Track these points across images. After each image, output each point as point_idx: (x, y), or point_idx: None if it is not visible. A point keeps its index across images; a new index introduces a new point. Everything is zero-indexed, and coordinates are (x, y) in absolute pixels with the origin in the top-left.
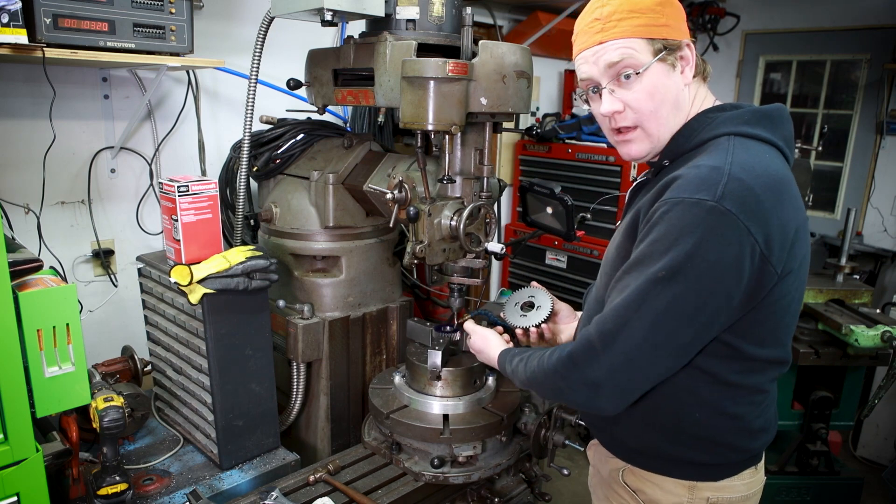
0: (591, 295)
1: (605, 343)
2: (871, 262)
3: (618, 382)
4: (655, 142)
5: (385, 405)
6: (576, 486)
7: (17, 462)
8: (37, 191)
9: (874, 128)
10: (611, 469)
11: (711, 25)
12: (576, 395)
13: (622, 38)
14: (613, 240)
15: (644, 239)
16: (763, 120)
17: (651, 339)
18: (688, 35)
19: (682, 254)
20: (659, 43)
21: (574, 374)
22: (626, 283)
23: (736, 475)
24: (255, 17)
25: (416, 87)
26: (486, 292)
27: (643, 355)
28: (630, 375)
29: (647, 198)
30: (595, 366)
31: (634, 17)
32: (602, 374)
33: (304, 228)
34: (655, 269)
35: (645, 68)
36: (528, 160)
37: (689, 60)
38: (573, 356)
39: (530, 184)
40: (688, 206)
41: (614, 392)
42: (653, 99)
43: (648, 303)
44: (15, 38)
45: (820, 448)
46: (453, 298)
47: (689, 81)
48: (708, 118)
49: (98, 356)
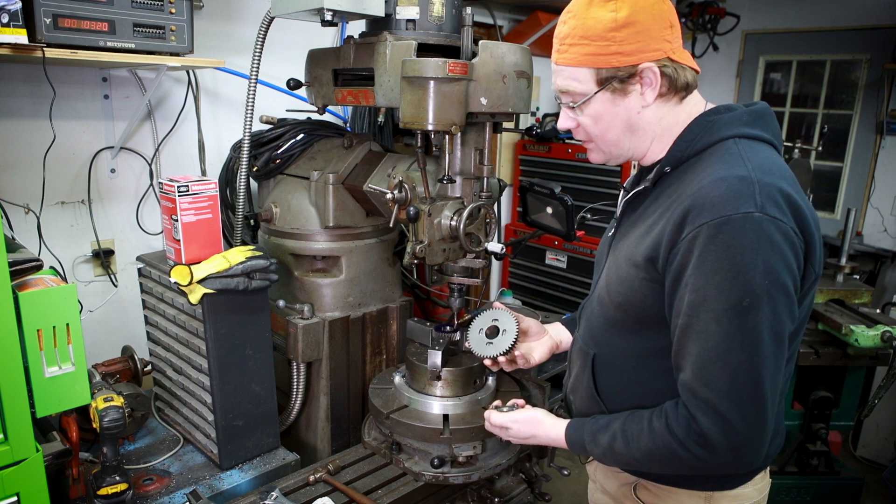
0: (591, 305)
1: (727, 399)
2: (871, 262)
3: (757, 433)
4: (611, 157)
5: (385, 405)
6: (576, 486)
7: (17, 462)
8: (37, 191)
9: (874, 128)
10: (620, 484)
11: (711, 25)
12: (720, 469)
13: (569, 65)
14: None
15: (697, 272)
16: (758, 120)
17: (769, 371)
18: (655, 53)
19: (755, 275)
20: (605, 72)
21: (713, 455)
22: (705, 327)
23: (749, 481)
24: (255, 17)
25: (416, 87)
26: (486, 292)
27: (769, 389)
28: (763, 415)
29: (667, 219)
30: (731, 434)
31: (583, 45)
32: (742, 435)
33: (304, 228)
34: (735, 301)
35: (585, 100)
36: (528, 160)
37: (653, 82)
38: (707, 437)
39: (530, 184)
40: (738, 224)
41: (756, 442)
42: (597, 125)
43: (749, 337)
44: (15, 38)
45: (820, 448)
46: (453, 298)
47: (648, 103)
48: (707, 122)
49: (98, 356)
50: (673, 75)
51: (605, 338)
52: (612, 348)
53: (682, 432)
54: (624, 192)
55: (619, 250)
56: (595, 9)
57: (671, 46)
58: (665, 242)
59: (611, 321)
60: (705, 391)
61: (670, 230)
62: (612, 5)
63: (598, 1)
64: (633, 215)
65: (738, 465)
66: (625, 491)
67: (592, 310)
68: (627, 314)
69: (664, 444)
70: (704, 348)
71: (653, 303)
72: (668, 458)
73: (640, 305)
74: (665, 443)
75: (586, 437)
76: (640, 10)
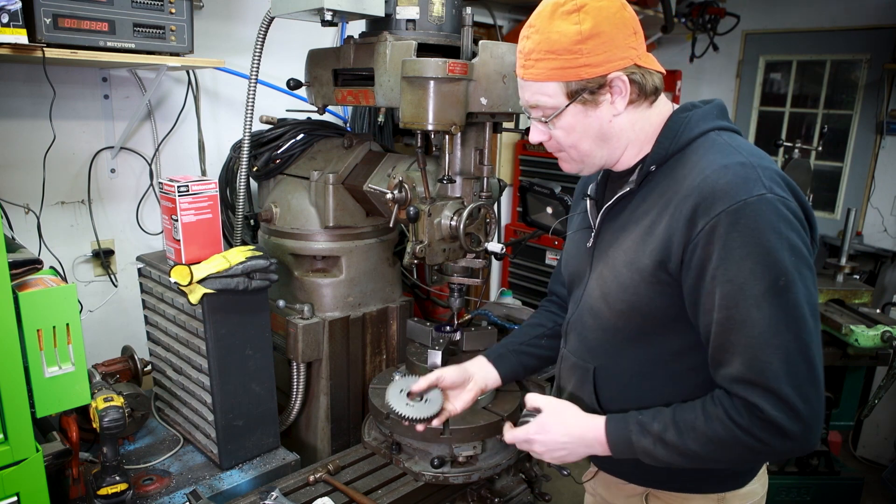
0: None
1: (786, 383)
2: (871, 262)
3: (819, 410)
4: (585, 166)
5: (385, 405)
6: (576, 486)
7: (17, 462)
8: (37, 191)
9: (874, 128)
10: (627, 496)
11: (711, 25)
12: (789, 453)
13: (537, 80)
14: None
15: (724, 262)
16: (723, 114)
17: (815, 345)
18: (622, 62)
19: (782, 253)
20: (574, 85)
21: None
22: (746, 315)
23: (755, 476)
24: (255, 17)
25: (416, 87)
26: (486, 292)
27: (818, 363)
28: (819, 391)
29: (674, 218)
30: (798, 416)
31: (550, 60)
32: (808, 416)
33: (304, 228)
34: (771, 283)
35: (556, 114)
36: (528, 160)
37: (623, 90)
38: (776, 424)
39: (530, 184)
40: (754, 206)
41: (820, 418)
42: (569, 136)
43: (790, 317)
44: (15, 38)
45: (820, 448)
46: (453, 298)
47: (619, 112)
48: (681, 118)
49: (98, 356)
50: (641, 81)
51: (606, 349)
52: (615, 359)
53: (745, 421)
54: (591, 201)
55: (613, 258)
56: (558, 22)
57: (637, 53)
58: (677, 241)
59: (611, 331)
60: (762, 379)
61: (682, 227)
62: (575, 17)
63: (559, 14)
64: (617, 220)
65: (807, 445)
66: (634, 503)
67: (585, 323)
68: (630, 321)
69: (726, 433)
70: (751, 336)
71: (660, 305)
72: (732, 445)
73: (647, 310)
74: (727, 431)
75: (633, 428)
76: (603, 21)
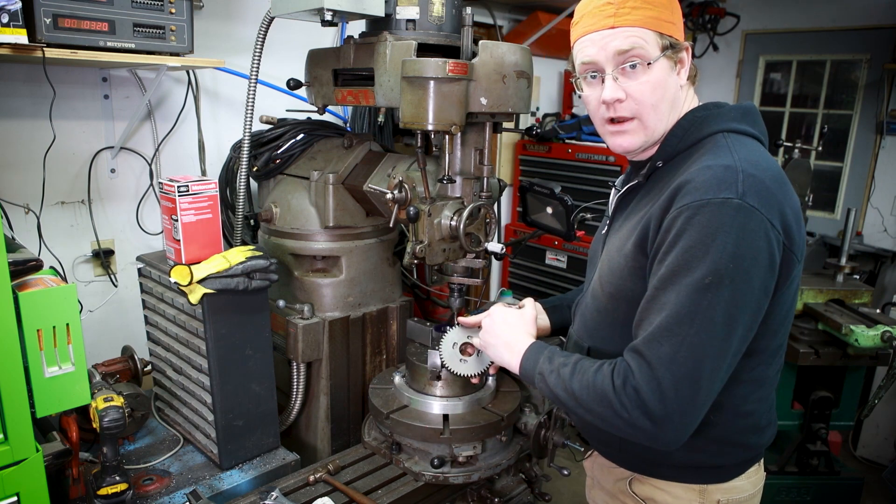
0: (586, 301)
1: (666, 369)
2: (871, 262)
3: (685, 412)
4: (650, 135)
5: (385, 405)
6: (576, 486)
7: (17, 462)
8: (37, 191)
9: (874, 128)
10: (616, 479)
11: (711, 25)
12: (636, 434)
13: (635, 26)
14: (614, 242)
15: (671, 249)
16: (747, 116)
17: (713, 352)
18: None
19: (722, 256)
20: (667, 39)
21: (637, 414)
22: (666, 299)
23: (743, 474)
24: (255, 17)
25: (416, 87)
26: (486, 292)
27: (708, 372)
28: (697, 397)
29: (656, 205)
30: (660, 400)
31: (649, 8)
32: (669, 408)
33: (304, 228)
34: (698, 278)
35: (654, 60)
36: (528, 160)
37: (686, 63)
38: (639, 393)
39: (530, 184)
40: (716, 207)
41: (681, 421)
42: (655, 92)
43: (702, 314)
44: (15, 38)
45: (820, 448)
46: (453, 298)
47: (683, 83)
48: (696, 117)
49: (98, 356)
50: (692, 63)
51: (598, 331)
52: (606, 341)
53: (620, 383)
54: (615, 191)
55: (612, 244)
56: None
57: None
58: (653, 226)
59: (603, 313)
60: (650, 355)
61: (657, 213)
62: None
63: None
64: (625, 211)
65: (667, 436)
66: (620, 486)
67: (586, 304)
68: (618, 304)
69: (601, 386)
70: (660, 317)
71: (641, 291)
72: (601, 400)
73: (630, 295)
74: (603, 385)
75: (545, 354)
76: None
